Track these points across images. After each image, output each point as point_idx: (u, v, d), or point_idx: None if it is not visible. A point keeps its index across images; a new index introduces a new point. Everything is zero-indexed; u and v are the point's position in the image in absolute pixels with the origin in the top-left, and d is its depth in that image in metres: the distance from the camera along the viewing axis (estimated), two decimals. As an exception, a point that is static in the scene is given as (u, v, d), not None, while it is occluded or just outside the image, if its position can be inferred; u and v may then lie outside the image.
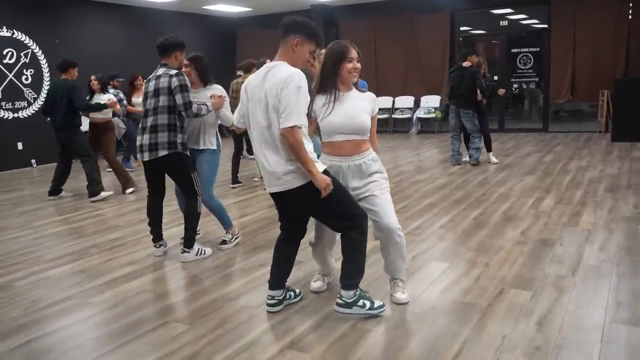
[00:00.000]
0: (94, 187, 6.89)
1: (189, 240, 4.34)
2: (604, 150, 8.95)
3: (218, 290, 3.69)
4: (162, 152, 4.13)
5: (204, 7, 12.62)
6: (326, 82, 3.13)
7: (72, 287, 3.89)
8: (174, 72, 4.16)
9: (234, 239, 4.70)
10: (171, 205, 6.37)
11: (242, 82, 4.34)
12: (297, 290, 3.42)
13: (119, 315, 3.37)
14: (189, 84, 4.17)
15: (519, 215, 5.18)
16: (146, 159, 4.19)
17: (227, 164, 7.64)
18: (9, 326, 3.28)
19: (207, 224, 5.22)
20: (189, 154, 4.30)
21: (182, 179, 4.29)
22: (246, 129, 3.14)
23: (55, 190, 7.12)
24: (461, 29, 12.57)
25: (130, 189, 7.27)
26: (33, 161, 10.31)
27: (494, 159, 8.19)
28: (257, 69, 4.13)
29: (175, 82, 4.11)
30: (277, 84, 2.83)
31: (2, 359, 2.90)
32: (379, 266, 3.69)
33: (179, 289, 3.80)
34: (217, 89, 4.47)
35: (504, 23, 12.25)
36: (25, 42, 10.13)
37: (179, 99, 4.10)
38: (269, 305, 3.26)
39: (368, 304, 3.09)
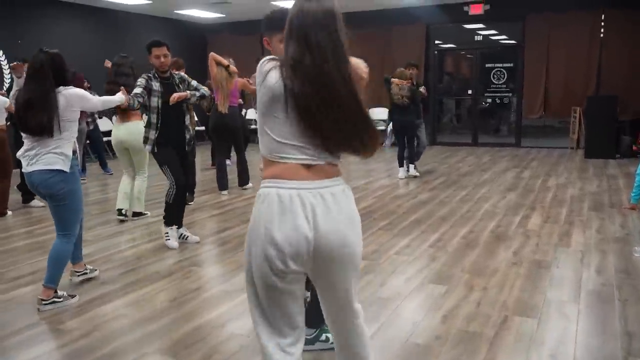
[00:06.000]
0: None
1: None
2: (579, 167, 8.98)
3: (201, 315, 3.41)
4: None
5: (175, 11, 12.26)
6: None
7: (39, 311, 3.54)
8: None
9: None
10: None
11: None
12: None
13: (94, 345, 3.05)
14: None
15: (508, 234, 5.04)
16: None
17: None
18: (-33, 358, 2.93)
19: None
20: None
21: None
22: None
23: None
24: (436, 42, 12.55)
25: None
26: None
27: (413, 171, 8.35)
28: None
29: None
30: None
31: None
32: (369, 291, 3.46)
33: (158, 314, 3.48)
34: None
35: (478, 38, 12.29)
36: (-16, 41, 9.61)
37: None
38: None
39: (331, 337, 2.73)
